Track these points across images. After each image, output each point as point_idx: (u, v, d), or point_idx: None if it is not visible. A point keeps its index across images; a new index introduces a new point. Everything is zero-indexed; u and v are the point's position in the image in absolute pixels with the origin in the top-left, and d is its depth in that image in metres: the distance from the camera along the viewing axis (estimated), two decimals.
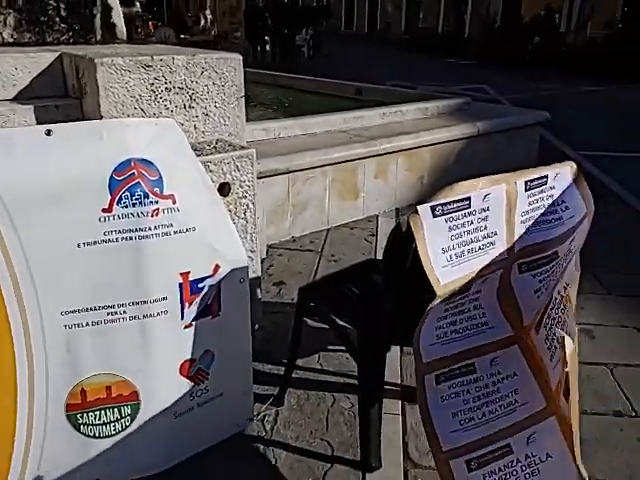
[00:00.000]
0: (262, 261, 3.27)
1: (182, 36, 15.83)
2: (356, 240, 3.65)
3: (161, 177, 1.57)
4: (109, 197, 1.49)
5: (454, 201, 1.48)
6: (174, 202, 1.60)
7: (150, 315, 1.61)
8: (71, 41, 3.41)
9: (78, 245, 1.48)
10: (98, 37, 3.52)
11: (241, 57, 2.75)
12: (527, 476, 1.52)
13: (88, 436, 1.63)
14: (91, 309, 1.53)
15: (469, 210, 1.51)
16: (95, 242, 1.50)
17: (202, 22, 18.54)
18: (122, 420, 1.65)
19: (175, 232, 1.60)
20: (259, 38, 15.32)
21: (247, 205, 2.19)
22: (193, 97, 2.59)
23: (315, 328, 2.53)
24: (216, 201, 1.79)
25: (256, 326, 2.40)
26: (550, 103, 9.50)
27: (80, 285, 1.51)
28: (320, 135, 4.03)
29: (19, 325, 1.45)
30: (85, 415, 1.60)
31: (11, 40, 3.16)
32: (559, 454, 1.54)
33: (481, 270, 1.53)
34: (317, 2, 25.47)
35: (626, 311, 2.87)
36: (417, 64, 18.56)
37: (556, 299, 1.75)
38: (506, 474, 1.52)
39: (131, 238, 1.54)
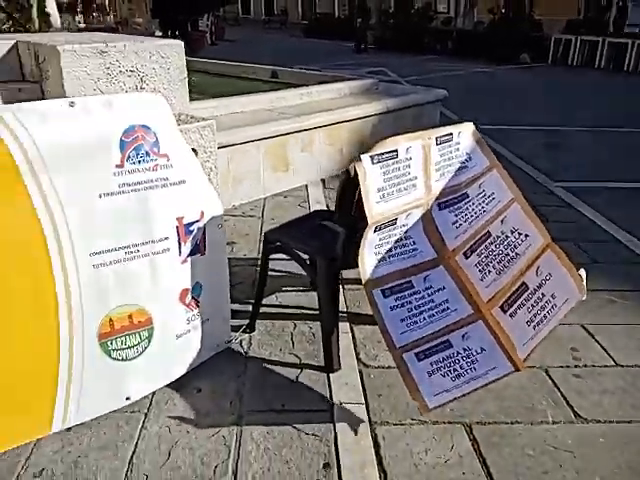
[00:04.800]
0: None
1: (78, 22, 15.31)
2: (291, 206, 4.10)
3: (157, 139, 1.94)
4: (120, 155, 1.85)
5: (386, 152, 1.98)
6: (168, 160, 1.97)
7: (156, 252, 1.98)
8: (12, 29, 3.57)
9: (100, 196, 1.82)
10: (36, 26, 3.70)
11: (183, 43, 3.09)
12: (468, 364, 2.03)
13: (117, 360, 1.96)
14: (112, 250, 1.87)
15: (397, 159, 2.03)
16: (112, 193, 1.84)
17: (94, 7, 17.96)
18: (142, 343, 2.01)
19: (171, 184, 1.98)
20: (172, 24, 15.12)
21: (210, 168, 2.57)
22: (143, 79, 2.91)
23: (270, 275, 2.96)
24: (195, 160, 2.17)
25: None
26: (445, 83, 10.39)
27: (102, 229, 1.84)
28: (249, 113, 4.42)
29: (59, 267, 1.76)
30: (114, 342, 1.94)
31: None
32: (490, 348, 2.08)
33: (404, 205, 2.05)
34: None
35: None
36: (317, 49, 19.13)
37: (498, 237, 2.32)
38: (450, 362, 2.02)
39: (138, 190, 1.90)
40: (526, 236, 2.35)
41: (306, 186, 4.53)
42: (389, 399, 2.09)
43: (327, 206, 4.07)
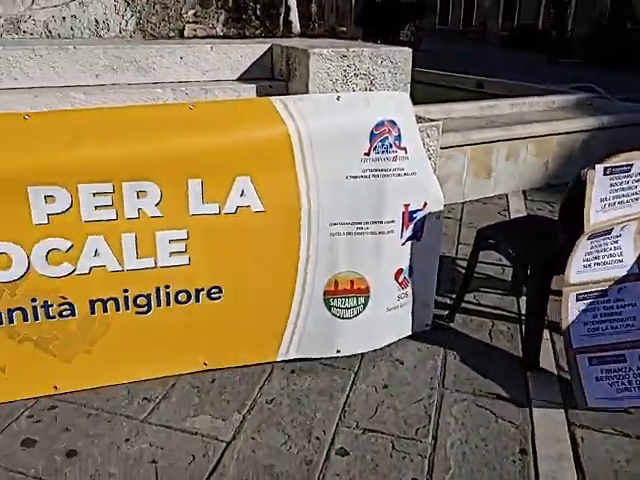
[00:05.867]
0: None
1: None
2: (490, 213, 4.17)
3: (400, 134, 2.19)
4: (368, 145, 2.13)
5: (620, 165, 2.01)
6: (406, 152, 2.21)
7: (382, 232, 2.24)
8: (262, 35, 4.15)
9: (346, 177, 2.13)
10: (280, 31, 4.25)
11: (411, 50, 3.33)
12: (638, 382, 2.10)
13: (335, 316, 2.29)
14: (347, 223, 2.18)
15: (629, 173, 2.05)
16: (356, 176, 2.14)
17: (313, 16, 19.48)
18: (358, 307, 2.30)
19: (405, 174, 2.22)
20: (376, 34, 15.87)
21: (432, 165, 2.77)
22: (373, 82, 3.20)
23: None
24: (426, 156, 2.39)
25: None
26: None
27: (342, 205, 2.15)
28: (459, 120, 4.56)
29: (306, 229, 2.12)
30: (335, 300, 2.26)
31: (221, 33, 3.95)
32: None
33: (622, 217, 2.07)
34: None
35: None
36: (519, 61, 18.45)
37: None
38: (619, 375, 2.11)
39: (377, 176, 2.17)
40: None
41: (506, 195, 4.55)
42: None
43: None
